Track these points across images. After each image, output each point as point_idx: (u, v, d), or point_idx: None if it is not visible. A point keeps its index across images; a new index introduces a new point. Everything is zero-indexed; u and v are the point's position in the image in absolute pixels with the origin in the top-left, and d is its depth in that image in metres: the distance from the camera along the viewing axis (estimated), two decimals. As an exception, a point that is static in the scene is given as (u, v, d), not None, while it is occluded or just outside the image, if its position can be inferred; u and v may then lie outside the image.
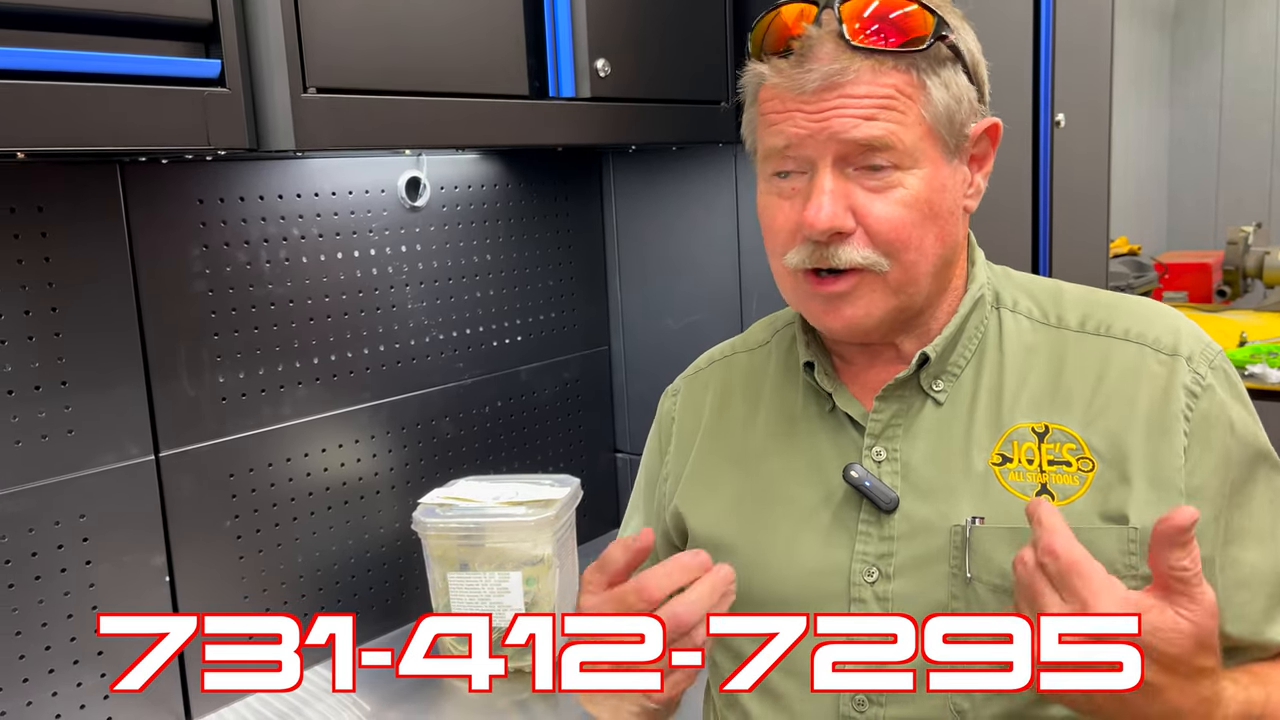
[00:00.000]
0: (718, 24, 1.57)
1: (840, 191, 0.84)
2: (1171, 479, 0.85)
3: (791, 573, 0.91)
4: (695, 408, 1.06)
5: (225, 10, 1.02)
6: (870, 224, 0.84)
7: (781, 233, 0.88)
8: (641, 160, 1.86)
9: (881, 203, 0.84)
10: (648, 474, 1.11)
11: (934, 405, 0.91)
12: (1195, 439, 0.86)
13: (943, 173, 0.86)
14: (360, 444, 1.56)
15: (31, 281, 1.21)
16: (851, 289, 0.86)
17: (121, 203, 1.27)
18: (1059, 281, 0.98)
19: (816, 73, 0.82)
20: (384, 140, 1.18)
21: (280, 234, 1.44)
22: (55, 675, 1.25)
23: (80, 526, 1.26)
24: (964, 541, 0.85)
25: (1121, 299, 0.95)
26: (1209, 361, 0.89)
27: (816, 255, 0.85)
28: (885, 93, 0.82)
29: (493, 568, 1.44)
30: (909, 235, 0.85)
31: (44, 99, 0.91)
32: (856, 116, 0.82)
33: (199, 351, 1.36)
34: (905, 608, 0.86)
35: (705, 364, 1.10)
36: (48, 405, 1.23)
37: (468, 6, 1.24)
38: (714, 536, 0.97)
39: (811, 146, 0.84)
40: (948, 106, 0.85)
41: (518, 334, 1.79)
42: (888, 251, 0.85)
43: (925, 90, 0.84)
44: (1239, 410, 0.89)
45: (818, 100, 0.83)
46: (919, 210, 0.85)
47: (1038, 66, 1.72)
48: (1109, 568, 0.81)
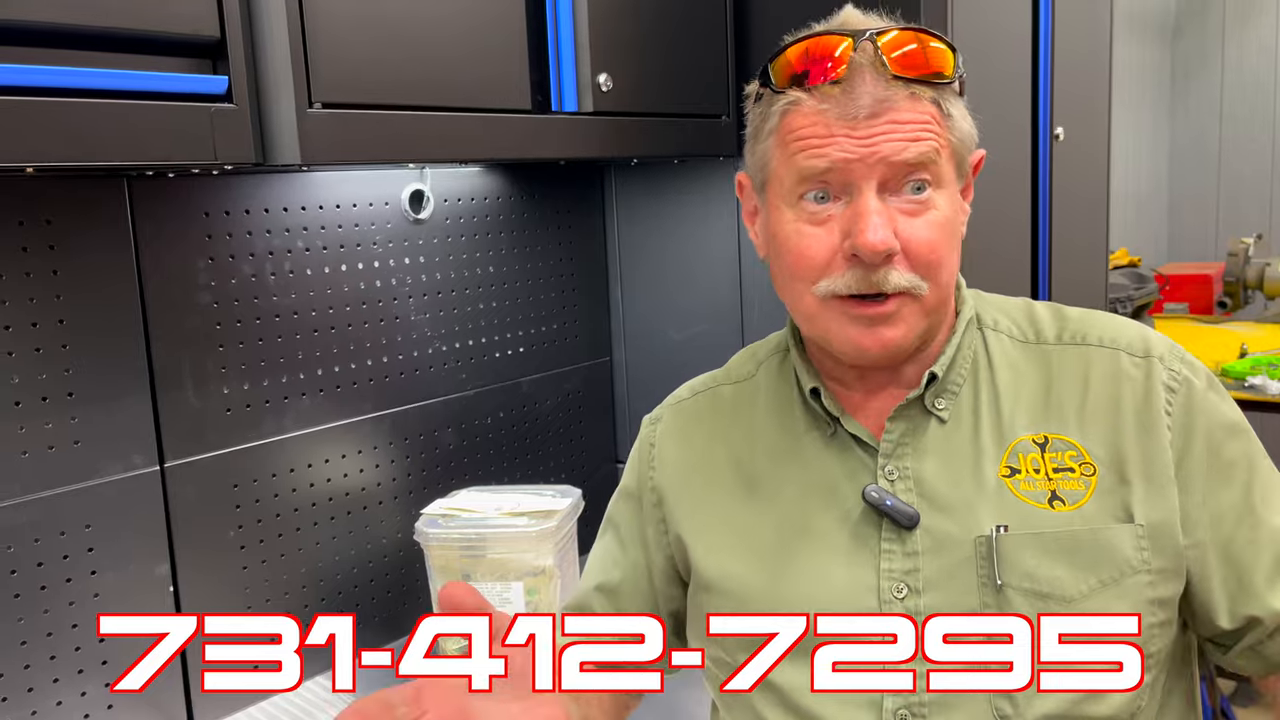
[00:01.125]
0: (719, 39, 1.59)
1: (886, 214, 0.86)
2: (1164, 472, 0.88)
3: (821, 597, 0.91)
4: (684, 438, 1.05)
5: (233, 28, 1.04)
6: (912, 246, 0.87)
7: (816, 260, 0.88)
8: (643, 173, 1.87)
9: (920, 225, 0.87)
10: (625, 501, 1.09)
11: (938, 423, 0.93)
12: (1178, 431, 0.90)
13: (957, 199, 0.92)
14: (363, 455, 1.57)
15: (39, 294, 1.22)
16: (894, 311, 0.88)
17: (128, 216, 1.29)
18: (1027, 299, 1.02)
19: (868, 98, 0.85)
20: (388, 154, 1.20)
21: (285, 246, 1.45)
22: (60, 684, 1.26)
23: (85, 536, 1.27)
24: (990, 550, 0.87)
25: (1088, 312, 0.99)
26: (1179, 358, 0.94)
27: (864, 280, 0.86)
28: (924, 119, 0.86)
29: (494, 578, 1.45)
30: (942, 256, 0.88)
31: (55, 115, 0.92)
32: (904, 139, 0.85)
33: (204, 363, 1.37)
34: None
35: (688, 394, 1.09)
36: (54, 416, 1.24)
37: (471, 23, 1.25)
38: (733, 575, 0.96)
39: (858, 170, 0.85)
40: (964, 135, 0.91)
41: (520, 345, 1.80)
42: (925, 274, 0.88)
43: (950, 119, 0.89)
44: (1214, 397, 0.93)
45: (867, 126, 0.85)
46: (947, 231, 0.89)
47: (1036, 80, 1.73)
48: (1126, 565, 0.86)
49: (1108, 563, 0.86)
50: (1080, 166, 1.86)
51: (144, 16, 0.98)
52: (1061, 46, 1.75)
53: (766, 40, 0.96)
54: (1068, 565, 0.86)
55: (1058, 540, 0.87)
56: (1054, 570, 0.86)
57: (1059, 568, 0.86)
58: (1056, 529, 0.87)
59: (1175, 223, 5.06)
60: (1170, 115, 5.02)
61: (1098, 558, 0.86)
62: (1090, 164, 1.91)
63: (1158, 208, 5.01)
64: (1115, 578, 0.86)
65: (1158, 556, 0.87)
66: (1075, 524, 0.87)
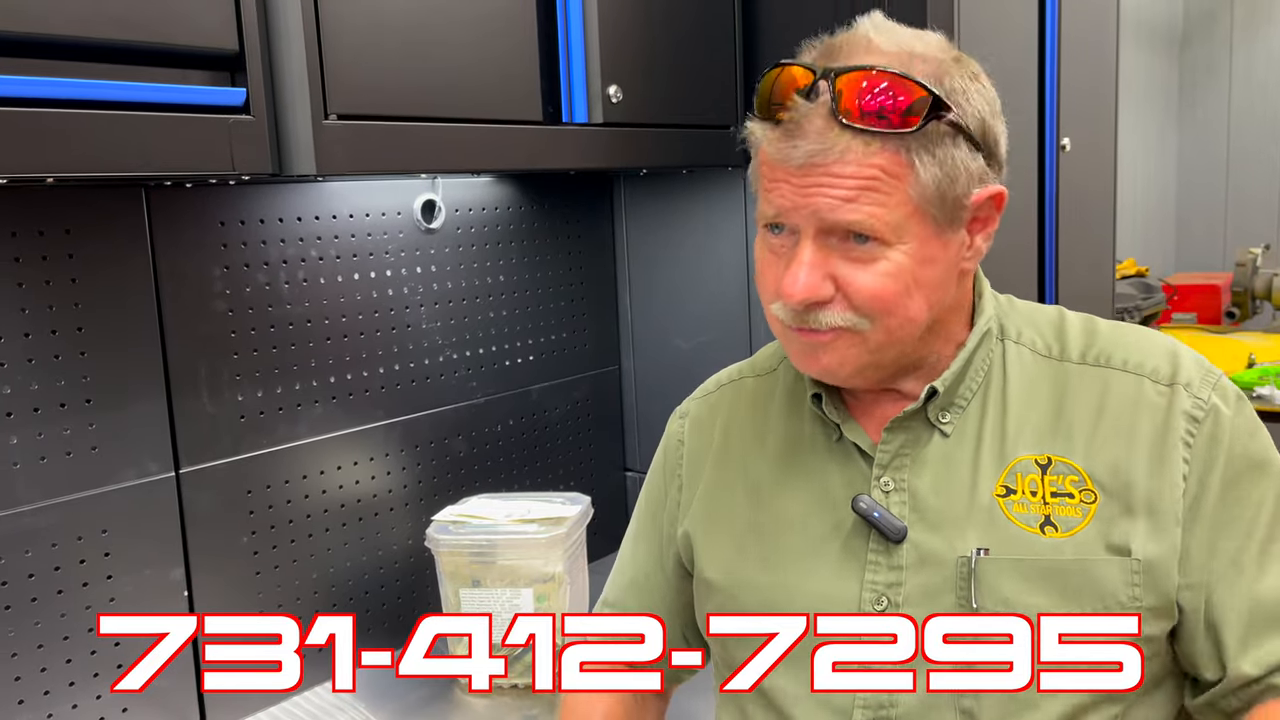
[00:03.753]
0: (728, 50, 1.60)
1: (819, 262, 0.84)
2: (1171, 508, 0.85)
3: (802, 602, 0.92)
4: (705, 431, 1.07)
5: (251, 42, 1.06)
6: (851, 292, 0.85)
7: (768, 286, 0.90)
8: (652, 183, 1.89)
9: (863, 273, 0.84)
10: (651, 498, 1.11)
11: (941, 437, 0.92)
12: (1196, 463, 0.86)
13: (930, 247, 0.85)
14: (375, 461, 1.59)
15: (58, 302, 1.24)
16: (830, 341, 0.87)
17: (146, 225, 1.31)
18: (1062, 309, 0.98)
19: (801, 150, 0.83)
20: (401, 165, 1.22)
21: (299, 255, 1.47)
22: (75, 688, 1.28)
23: (102, 541, 1.29)
24: (970, 573, 0.86)
25: (1121, 329, 0.95)
26: (1212, 385, 0.89)
27: (797, 318, 0.87)
28: (870, 174, 0.82)
29: (504, 584, 1.46)
30: (891, 303, 0.85)
31: (75, 127, 0.94)
32: (837, 198, 0.82)
33: (219, 370, 1.39)
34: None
35: (714, 387, 1.11)
36: (72, 422, 1.26)
37: (483, 35, 1.27)
38: (724, 570, 0.98)
39: (797, 217, 0.85)
40: (939, 184, 0.84)
41: (530, 354, 1.82)
42: (868, 315, 0.85)
43: (913, 170, 0.82)
44: (1243, 430, 0.88)
45: (803, 175, 0.83)
46: (903, 281, 0.85)
47: (1043, 91, 1.74)
48: (1113, 598, 0.84)
49: (1092, 595, 0.84)
50: (1087, 177, 1.87)
51: (163, 30, 1.00)
52: (1068, 58, 1.76)
53: (775, 51, 0.97)
54: (1050, 594, 0.84)
55: (1040, 568, 0.85)
56: (1033, 598, 0.84)
57: (1039, 595, 0.84)
58: (1041, 556, 0.85)
59: (1183, 233, 5.06)
60: (1178, 126, 5.02)
61: (1083, 589, 0.84)
62: (1097, 174, 1.92)
63: (1165, 218, 5.01)
64: (1099, 611, 0.84)
65: (1149, 594, 0.84)
66: (1064, 552, 0.85)
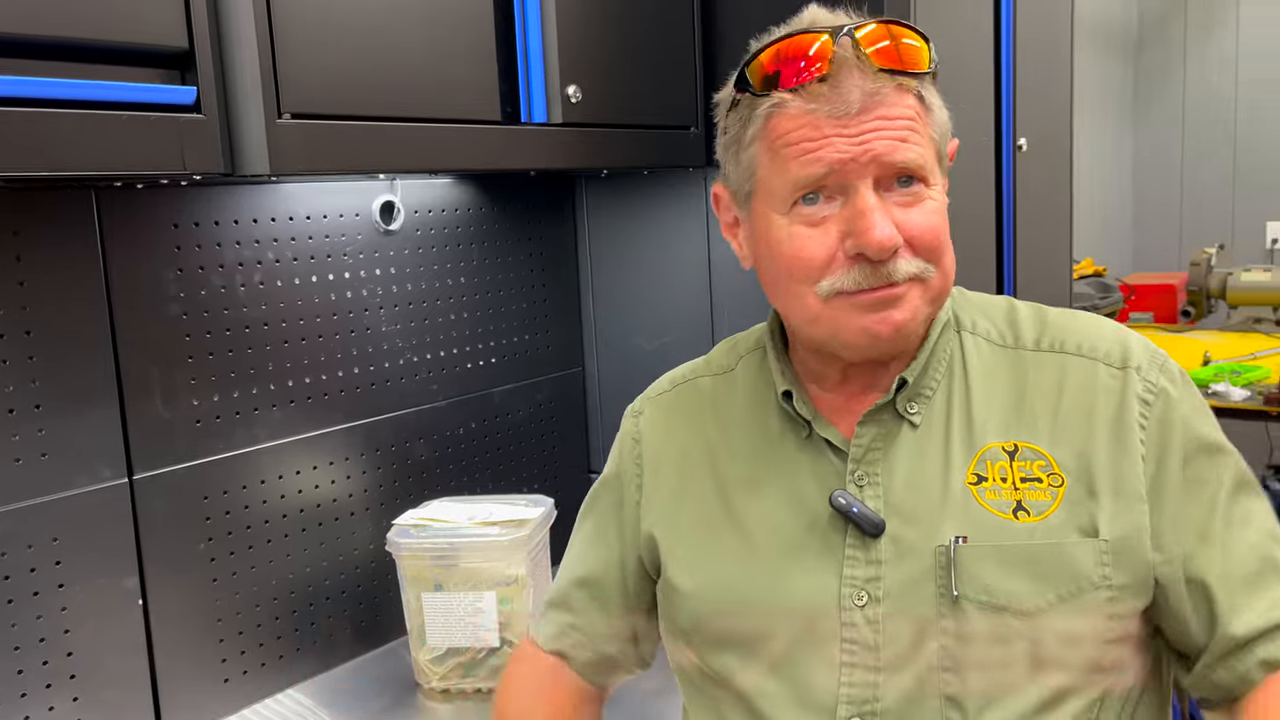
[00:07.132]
0: (687, 50, 1.60)
1: (885, 209, 0.86)
2: (1134, 487, 0.87)
3: (782, 601, 0.92)
4: (662, 431, 1.06)
5: (201, 39, 1.04)
6: (914, 235, 0.87)
7: (815, 261, 0.87)
8: (613, 184, 1.88)
9: (918, 213, 0.87)
10: (606, 498, 1.09)
11: (910, 428, 0.92)
12: (1152, 444, 0.88)
13: (941, 187, 0.92)
14: (334, 466, 1.57)
15: (6, 305, 1.22)
16: (904, 293, 0.87)
17: (96, 227, 1.28)
18: (1010, 299, 1.00)
19: (858, 92, 0.84)
20: (358, 165, 1.20)
21: (255, 257, 1.45)
22: (28, 699, 1.25)
23: (53, 550, 1.26)
24: (949, 561, 0.86)
25: (1070, 315, 0.97)
26: (1158, 367, 0.92)
27: (873, 275, 0.86)
28: (910, 114, 0.86)
29: (467, 588, 1.45)
30: (945, 241, 0.89)
31: (22, 126, 0.92)
32: (894, 139, 0.85)
33: (173, 374, 1.37)
34: (895, 628, 0.87)
35: (669, 386, 1.09)
36: (21, 428, 1.23)
37: (440, 34, 1.26)
38: (697, 573, 0.97)
39: (853, 170, 0.85)
40: (943, 126, 0.91)
41: (491, 356, 1.81)
42: (930, 259, 0.88)
43: (930, 111, 0.89)
44: (1191, 410, 0.91)
45: (858, 123, 0.84)
46: (943, 218, 0.89)
47: (999, 92, 1.76)
48: (1085, 580, 0.85)
49: (1066, 577, 0.85)
50: (1044, 177, 1.89)
51: (111, 27, 0.98)
52: (1024, 59, 1.78)
53: (734, 52, 0.96)
54: (1026, 578, 0.85)
55: (1017, 553, 0.86)
56: (1012, 583, 0.85)
57: (1017, 580, 0.85)
58: (1017, 541, 0.86)
59: (1140, 233, 5.13)
60: (1134, 128, 5.09)
61: (1057, 571, 0.85)
62: (1054, 174, 1.94)
63: (1123, 219, 5.08)
64: (1074, 592, 0.85)
65: (1120, 573, 0.86)
66: (1037, 536, 0.86)
